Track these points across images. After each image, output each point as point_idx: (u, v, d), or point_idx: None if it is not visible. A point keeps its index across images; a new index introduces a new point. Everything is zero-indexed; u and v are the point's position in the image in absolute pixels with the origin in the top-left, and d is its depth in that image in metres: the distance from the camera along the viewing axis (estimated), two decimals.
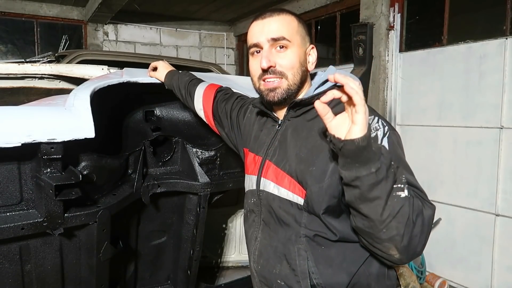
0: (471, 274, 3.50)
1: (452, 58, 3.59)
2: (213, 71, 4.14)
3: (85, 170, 1.31)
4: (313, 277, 1.01)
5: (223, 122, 1.42)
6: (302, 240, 1.03)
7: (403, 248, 0.88)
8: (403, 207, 0.85)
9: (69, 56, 3.69)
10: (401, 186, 0.85)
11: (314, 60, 1.14)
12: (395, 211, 0.84)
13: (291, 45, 1.07)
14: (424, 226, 0.89)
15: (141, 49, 6.59)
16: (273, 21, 1.08)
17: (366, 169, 0.80)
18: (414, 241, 0.89)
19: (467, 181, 3.51)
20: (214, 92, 1.46)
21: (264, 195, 1.12)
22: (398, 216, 0.84)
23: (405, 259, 0.92)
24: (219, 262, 2.44)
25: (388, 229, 0.86)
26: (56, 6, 5.93)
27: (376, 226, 0.87)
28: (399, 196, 0.85)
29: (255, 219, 1.17)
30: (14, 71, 2.07)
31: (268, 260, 1.11)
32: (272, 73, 1.07)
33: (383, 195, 0.83)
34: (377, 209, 0.84)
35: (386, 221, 0.85)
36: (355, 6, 4.53)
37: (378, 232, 0.87)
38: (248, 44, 1.14)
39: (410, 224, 0.86)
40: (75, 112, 1.22)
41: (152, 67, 1.69)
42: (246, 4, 5.85)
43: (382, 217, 0.85)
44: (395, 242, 0.88)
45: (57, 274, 1.37)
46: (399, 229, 0.85)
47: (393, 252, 0.90)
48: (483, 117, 3.37)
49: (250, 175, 1.21)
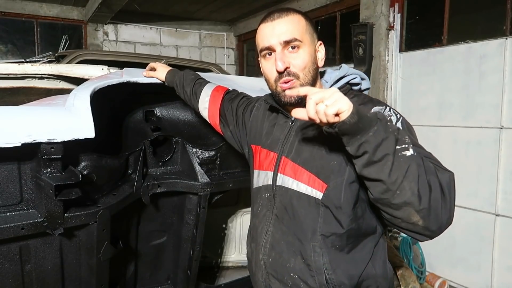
0: (471, 274, 3.50)
1: (452, 58, 3.59)
2: (213, 71, 4.14)
3: (85, 170, 1.31)
4: (326, 273, 1.05)
5: (228, 120, 1.44)
6: (318, 237, 1.06)
7: (424, 213, 0.89)
8: (411, 165, 0.87)
9: (69, 56, 3.69)
10: (405, 146, 0.88)
11: (323, 56, 1.17)
12: (403, 170, 0.87)
13: (302, 45, 1.10)
14: (443, 189, 0.90)
15: (141, 49, 6.59)
16: (282, 23, 1.10)
17: (365, 135, 0.86)
18: (435, 206, 0.89)
19: (467, 181, 3.51)
20: (222, 93, 1.49)
21: (281, 190, 1.15)
22: (408, 175, 0.87)
23: (432, 227, 0.91)
24: (219, 262, 2.44)
25: (402, 190, 0.87)
26: (56, 6, 5.93)
27: (390, 189, 0.89)
28: (405, 155, 0.87)
29: (266, 213, 1.19)
30: (14, 71, 2.07)
31: (281, 254, 1.13)
32: (287, 74, 1.10)
33: (388, 155, 0.86)
34: (385, 170, 0.87)
35: (397, 181, 0.87)
36: (355, 6, 4.53)
37: (393, 195, 0.89)
38: (259, 47, 1.15)
39: (424, 184, 0.88)
40: (75, 112, 1.22)
41: (149, 67, 1.68)
42: (246, 4, 5.85)
43: (391, 177, 0.87)
44: (413, 205, 0.88)
45: (57, 274, 1.37)
46: (412, 189, 0.87)
47: (415, 218, 0.90)
48: (483, 117, 3.37)
49: (265, 170, 1.22)
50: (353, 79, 1.17)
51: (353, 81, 1.17)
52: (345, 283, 1.05)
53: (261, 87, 1.65)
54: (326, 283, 1.05)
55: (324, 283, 1.06)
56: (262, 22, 1.15)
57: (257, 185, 1.27)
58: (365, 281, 1.08)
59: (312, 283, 1.07)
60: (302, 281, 1.09)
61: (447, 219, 0.92)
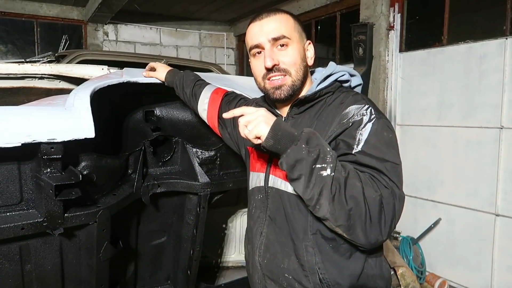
0: (471, 274, 3.50)
1: (452, 58, 3.59)
2: (213, 71, 4.14)
3: (85, 170, 1.31)
4: (319, 272, 1.05)
5: (226, 121, 1.45)
6: (309, 237, 1.07)
7: (344, 228, 0.94)
8: (326, 184, 0.92)
9: (69, 56, 3.69)
10: (323, 165, 0.93)
11: (312, 55, 1.19)
12: (319, 189, 0.92)
13: (291, 42, 1.12)
14: (369, 206, 0.92)
15: (141, 49, 6.59)
16: (271, 21, 1.13)
17: (282, 156, 0.96)
18: (357, 222, 0.93)
19: (467, 181, 3.51)
20: (221, 96, 1.50)
21: (272, 191, 1.16)
22: (323, 193, 0.92)
23: (359, 241, 0.96)
24: (219, 262, 2.44)
25: (320, 206, 0.94)
26: (56, 6, 5.93)
27: (309, 204, 0.97)
28: (321, 175, 0.92)
29: (260, 215, 1.20)
30: (14, 71, 2.07)
31: (275, 255, 1.14)
32: (276, 71, 1.11)
33: (302, 175, 0.94)
34: (300, 187, 0.95)
35: (313, 198, 0.94)
36: (355, 6, 4.53)
37: (314, 209, 0.96)
38: (249, 46, 1.17)
39: (341, 203, 0.91)
40: (75, 112, 1.22)
41: (149, 67, 1.68)
42: (246, 4, 5.85)
43: (307, 194, 0.94)
44: (330, 221, 0.95)
45: (57, 274, 1.37)
46: (327, 206, 0.93)
47: (339, 231, 0.96)
48: (483, 117, 3.37)
49: (257, 172, 1.24)
50: (341, 76, 1.17)
51: (341, 78, 1.17)
52: (339, 282, 1.05)
53: None
54: (320, 282, 1.05)
55: (318, 283, 1.05)
56: (251, 22, 1.17)
57: (251, 186, 1.28)
58: (360, 280, 1.07)
59: (307, 283, 1.07)
60: (296, 281, 1.09)
61: (377, 235, 0.95)
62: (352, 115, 1.03)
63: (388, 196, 0.95)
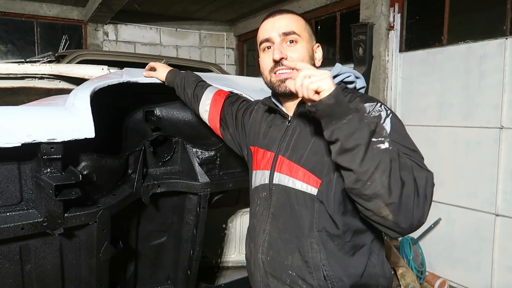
0: (471, 274, 3.50)
1: (452, 58, 3.59)
2: (213, 71, 4.14)
3: (85, 170, 1.31)
4: (324, 269, 1.06)
5: (228, 123, 1.47)
6: (315, 234, 1.07)
7: (394, 207, 0.89)
8: (384, 158, 0.87)
9: (69, 56, 3.69)
10: (381, 139, 0.89)
11: (320, 57, 1.22)
12: (375, 162, 0.87)
13: (300, 40, 1.15)
14: (418, 187, 0.90)
15: (141, 49, 6.59)
16: (283, 18, 1.17)
17: (339, 122, 0.88)
18: (407, 202, 0.89)
19: (467, 181, 3.51)
20: (224, 97, 1.52)
21: (278, 189, 1.16)
22: (380, 167, 0.87)
23: (402, 224, 0.91)
24: (219, 262, 2.44)
25: (372, 181, 0.87)
26: (56, 6, 5.93)
27: (360, 179, 0.88)
28: (379, 147, 0.88)
29: (263, 212, 1.21)
30: (14, 71, 2.07)
31: (279, 252, 1.14)
32: (283, 64, 1.13)
33: (360, 145, 0.87)
34: (356, 159, 0.87)
35: (368, 172, 0.87)
36: (355, 6, 4.53)
37: (364, 186, 0.89)
38: (259, 40, 1.20)
39: (396, 179, 0.88)
40: (75, 112, 1.22)
41: (149, 67, 1.68)
42: (246, 4, 5.85)
43: (362, 167, 0.87)
44: (382, 198, 0.88)
45: (57, 274, 1.37)
46: (383, 181, 0.87)
47: (385, 212, 0.90)
48: (483, 117, 3.37)
49: (262, 170, 1.24)
50: (347, 78, 1.18)
51: (347, 80, 1.18)
52: (343, 279, 1.05)
53: (261, 87, 1.65)
54: (324, 279, 1.06)
55: (322, 279, 1.06)
56: (264, 19, 1.21)
57: (254, 185, 1.28)
58: (363, 279, 1.08)
59: (310, 279, 1.08)
60: (300, 278, 1.10)
61: (420, 218, 0.92)
62: (369, 111, 1.04)
63: (431, 179, 0.95)
